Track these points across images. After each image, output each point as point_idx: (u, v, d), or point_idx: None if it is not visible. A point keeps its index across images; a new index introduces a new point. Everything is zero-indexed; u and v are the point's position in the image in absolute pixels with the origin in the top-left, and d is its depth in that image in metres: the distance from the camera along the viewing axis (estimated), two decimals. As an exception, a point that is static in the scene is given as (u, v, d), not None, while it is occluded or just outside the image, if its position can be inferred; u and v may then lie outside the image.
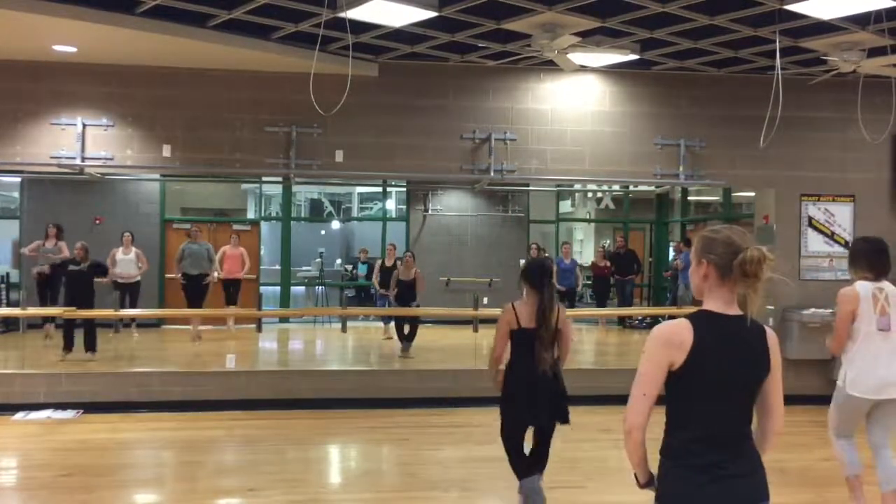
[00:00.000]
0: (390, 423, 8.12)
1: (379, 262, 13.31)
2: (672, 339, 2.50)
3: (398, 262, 12.25)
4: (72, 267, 10.24)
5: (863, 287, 5.05)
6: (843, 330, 5.09)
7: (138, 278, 12.43)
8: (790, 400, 6.63)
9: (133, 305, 12.19)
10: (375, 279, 13.01)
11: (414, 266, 11.66)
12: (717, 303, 2.57)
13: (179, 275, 12.20)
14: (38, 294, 11.61)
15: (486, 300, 12.64)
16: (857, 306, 5.01)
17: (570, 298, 13.96)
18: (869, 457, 5.21)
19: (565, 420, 5.12)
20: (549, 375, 4.97)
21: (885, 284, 5.07)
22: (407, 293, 11.59)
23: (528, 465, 5.15)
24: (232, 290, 13.04)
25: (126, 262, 12.28)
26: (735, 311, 2.56)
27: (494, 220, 16.44)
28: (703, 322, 2.53)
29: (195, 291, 12.22)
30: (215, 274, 12.59)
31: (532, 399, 4.99)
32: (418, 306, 11.61)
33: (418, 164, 9.12)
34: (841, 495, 5.73)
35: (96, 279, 10.41)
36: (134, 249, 12.42)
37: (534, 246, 14.97)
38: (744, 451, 2.59)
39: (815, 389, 8.22)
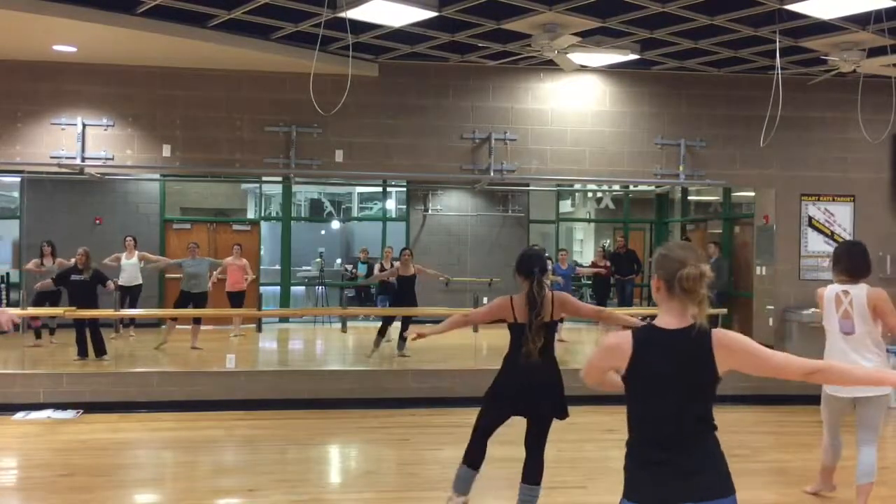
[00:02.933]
0: (390, 423, 8.12)
1: (378, 265, 13.30)
2: (615, 349, 2.76)
3: (394, 263, 12.20)
4: (74, 277, 10.18)
5: (829, 289, 5.26)
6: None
7: (140, 282, 12.41)
8: (790, 400, 6.64)
9: (133, 307, 12.15)
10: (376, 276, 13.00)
11: (412, 262, 11.59)
12: (666, 316, 2.75)
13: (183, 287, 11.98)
14: (33, 304, 11.44)
15: (485, 300, 12.63)
16: (822, 307, 5.26)
17: None
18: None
19: (563, 415, 5.04)
20: (544, 368, 4.91)
21: (853, 288, 5.18)
22: (407, 291, 11.51)
23: (523, 471, 5.07)
24: (236, 303, 12.98)
25: (130, 266, 12.26)
26: (684, 323, 2.71)
27: (494, 220, 16.43)
28: (643, 335, 2.75)
29: (188, 305, 12.03)
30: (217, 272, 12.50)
31: (528, 393, 4.92)
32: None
33: (418, 164, 9.12)
34: (842, 495, 5.74)
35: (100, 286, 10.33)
36: (137, 253, 12.39)
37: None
38: (690, 451, 2.70)
39: (815, 389, 8.16)
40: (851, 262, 5.26)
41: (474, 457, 5.13)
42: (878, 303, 5.16)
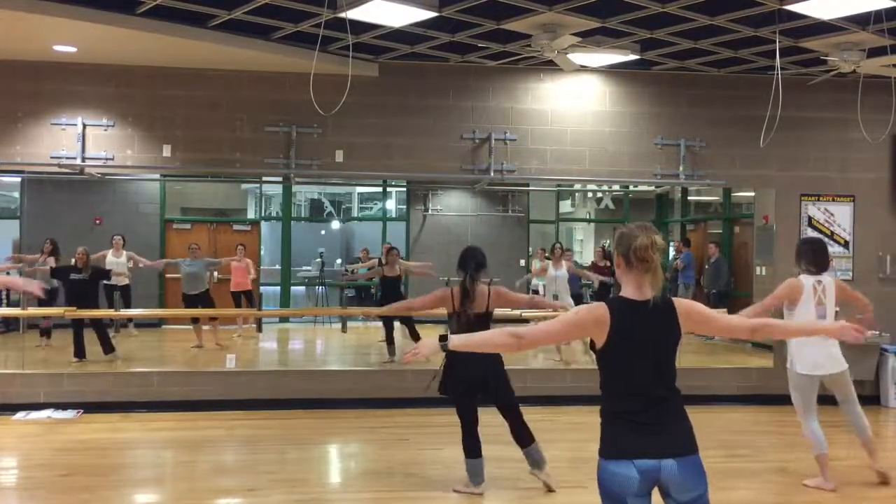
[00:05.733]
0: (390, 423, 8.12)
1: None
2: (594, 320, 2.92)
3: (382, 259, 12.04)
4: (73, 276, 10.14)
5: (806, 279, 5.89)
6: (770, 304, 5.87)
7: (128, 281, 12.36)
8: (790, 400, 6.58)
9: (127, 306, 12.13)
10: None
11: (398, 261, 11.42)
12: (629, 288, 2.98)
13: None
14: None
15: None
16: (800, 295, 5.81)
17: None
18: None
19: (510, 395, 5.64)
20: (486, 355, 5.29)
21: (824, 278, 5.92)
22: (393, 292, 11.15)
23: (514, 439, 5.61)
24: (244, 302, 13.05)
25: (117, 265, 12.22)
26: (646, 294, 2.95)
27: (494, 220, 16.42)
28: (618, 305, 2.96)
29: (195, 308, 11.97)
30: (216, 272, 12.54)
31: (480, 379, 5.50)
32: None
33: (418, 164, 9.12)
34: (844, 495, 5.75)
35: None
36: (125, 252, 12.35)
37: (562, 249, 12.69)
38: (667, 409, 2.94)
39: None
40: (820, 257, 5.96)
41: (471, 447, 5.67)
42: (843, 289, 6.05)
